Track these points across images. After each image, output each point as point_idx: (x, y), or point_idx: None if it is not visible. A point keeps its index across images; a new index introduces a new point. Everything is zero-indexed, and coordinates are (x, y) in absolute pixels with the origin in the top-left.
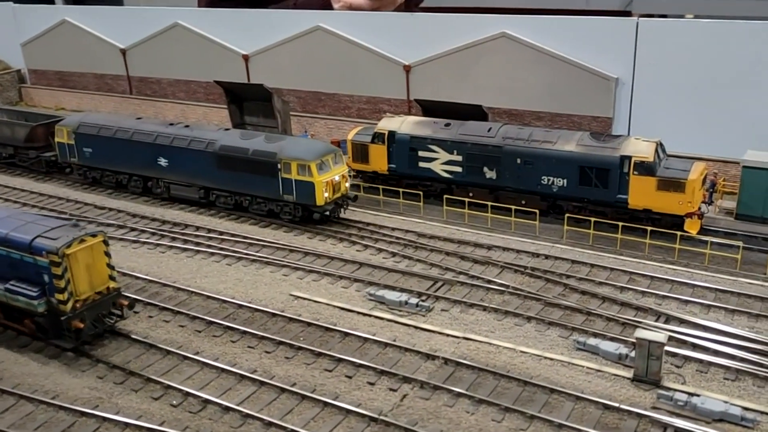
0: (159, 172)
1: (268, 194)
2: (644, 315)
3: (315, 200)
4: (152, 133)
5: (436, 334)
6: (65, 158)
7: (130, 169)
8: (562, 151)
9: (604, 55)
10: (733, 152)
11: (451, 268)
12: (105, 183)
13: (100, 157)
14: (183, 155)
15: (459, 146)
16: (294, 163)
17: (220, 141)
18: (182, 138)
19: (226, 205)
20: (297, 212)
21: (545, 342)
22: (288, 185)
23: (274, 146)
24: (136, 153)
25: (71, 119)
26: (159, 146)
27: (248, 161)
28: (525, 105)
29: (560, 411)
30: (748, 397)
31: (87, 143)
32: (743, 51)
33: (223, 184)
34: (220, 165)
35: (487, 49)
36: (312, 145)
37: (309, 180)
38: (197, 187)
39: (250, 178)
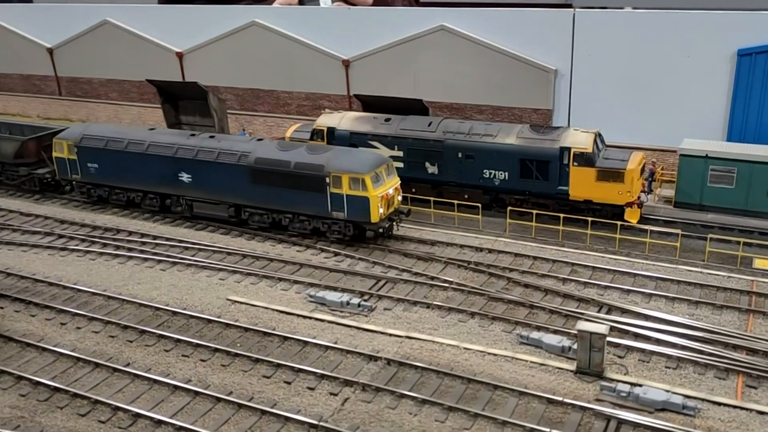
0: (180, 189)
1: (314, 211)
2: (587, 306)
3: (369, 217)
4: (172, 146)
5: (379, 335)
6: (65, 175)
7: (144, 186)
8: (503, 144)
9: (542, 47)
10: (671, 141)
11: (394, 266)
12: (113, 202)
13: (108, 173)
14: (210, 169)
15: (400, 141)
16: (345, 176)
17: (255, 153)
18: (209, 150)
19: (261, 224)
20: (348, 231)
21: (489, 337)
22: (338, 201)
23: (320, 158)
24: (152, 168)
25: (71, 131)
26: (180, 160)
27: (290, 175)
28: (466, 99)
29: (504, 407)
30: (689, 385)
31: (92, 158)
32: (678, 40)
33: (259, 201)
34: (255, 180)
35: (426, 43)
36: (363, 156)
37: (363, 195)
38: (227, 204)
39: (291, 194)
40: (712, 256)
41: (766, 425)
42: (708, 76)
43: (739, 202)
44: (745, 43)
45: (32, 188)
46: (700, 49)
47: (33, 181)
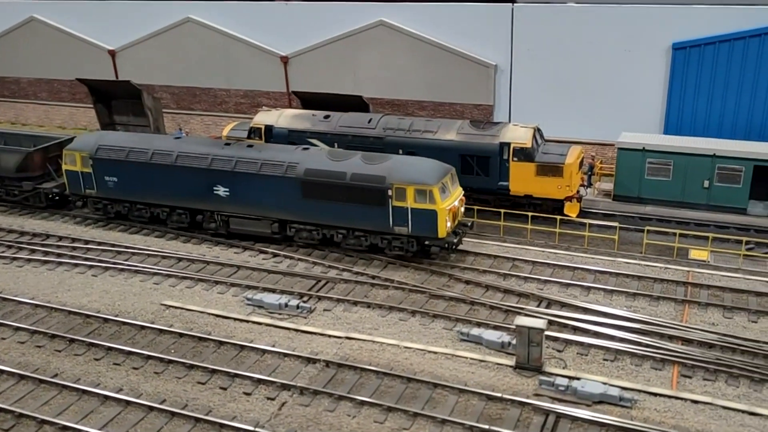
0: (215, 204)
1: (373, 226)
2: (527, 301)
3: (437, 232)
4: (205, 156)
5: (318, 336)
6: (77, 190)
7: (172, 201)
8: (443, 140)
9: (482, 42)
10: (610, 135)
11: (334, 266)
12: (134, 218)
13: (128, 188)
14: (251, 182)
15: (339, 139)
16: (410, 188)
17: (304, 164)
18: (249, 161)
19: (309, 240)
20: (410, 247)
21: (430, 335)
22: (401, 215)
23: (380, 168)
24: (182, 181)
25: (84, 141)
26: (216, 172)
27: (345, 188)
28: (407, 95)
29: (444, 406)
30: (626, 377)
31: (110, 170)
32: (615, 35)
33: (308, 216)
34: (304, 193)
35: (365, 39)
36: (427, 165)
37: (430, 208)
38: (270, 220)
39: (346, 208)
40: (650, 248)
41: (700, 413)
42: (645, 70)
43: (675, 194)
44: (680, 37)
45: (37, 204)
46: (637, 44)
47: (38, 197)
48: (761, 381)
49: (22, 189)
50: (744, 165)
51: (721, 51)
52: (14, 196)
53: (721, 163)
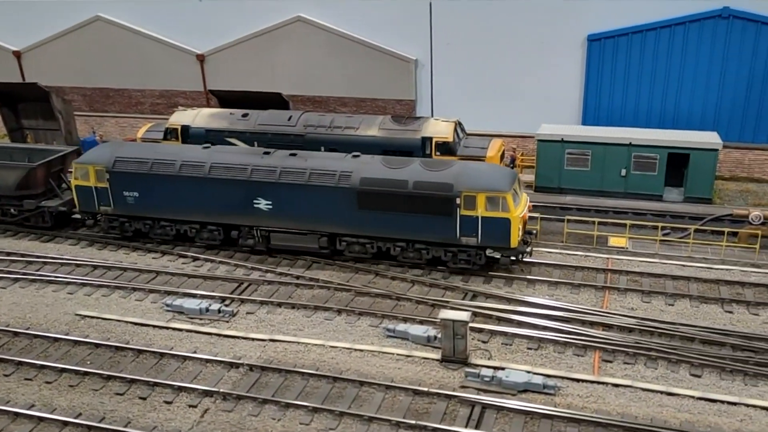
0: (256, 218)
1: (437, 238)
2: (453, 294)
3: (509, 241)
4: (244, 167)
5: (241, 340)
6: (89, 207)
7: (204, 217)
8: (365, 136)
9: (402, 37)
10: (530, 127)
11: (257, 267)
12: (155, 236)
13: (152, 203)
14: (298, 194)
15: (259, 137)
16: (481, 195)
17: (359, 172)
18: (296, 171)
19: (362, 254)
20: (478, 259)
21: (356, 333)
22: (470, 224)
23: (445, 175)
24: (216, 194)
25: (98, 153)
26: (257, 183)
27: (407, 197)
28: (328, 91)
29: (370, 403)
30: (549, 365)
31: (130, 185)
32: (532, 28)
33: (363, 229)
34: (360, 204)
35: (283, 35)
36: (496, 171)
37: (503, 216)
38: (318, 234)
39: (407, 218)
40: (571, 237)
41: (621, 396)
42: (562, 62)
43: (594, 184)
44: (595, 29)
45: (40, 224)
46: (553, 36)
47: (42, 216)
48: (678, 362)
49: (22, 208)
50: (659, 153)
51: (634, 42)
52: (12, 216)
53: (637, 152)
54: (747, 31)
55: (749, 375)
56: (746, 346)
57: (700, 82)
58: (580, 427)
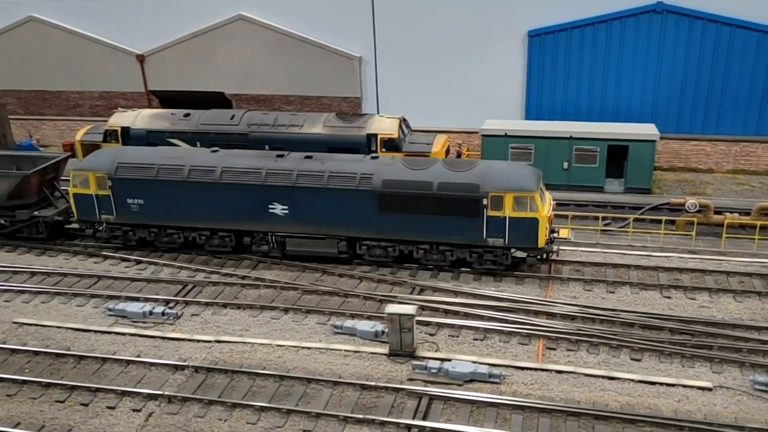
0: (270, 224)
1: (463, 239)
2: (400, 289)
3: (537, 241)
4: (258, 171)
5: (186, 342)
6: (89, 216)
7: (214, 223)
8: (309, 134)
9: (345, 34)
10: (476, 122)
11: (201, 269)
12: (161, 245)
13: (158, 211)
14: (316, 198)
15: (202, 137)
16: (509, 195)
17: (381, 174)
18: (313, 174)
19: (383, 258)
20: (505, 259)
21: (303, 331)
22: (497, 225)
23: (470, 175)
24: (228, 200)
25: (98, 159)
26: (272, 188)
27: (432, 199)
28: (272, 89)
29: (318, 400)
30: (495, 354)
31: (135, 192)
32: (474, 24)
33: (385, 232)
34: (382, 207)
35: (225, 33)
36: (521, 170)
37: (531, 216)
38: (337, 238)
39: (432, 220)
40: None
41: (564, 383)
42: (504, 57)
43: None
44: (535, 24)
45: (34, 235)
46: (494, 32)
47: (36, 227)
48: (619, 347)
49: (14, 219)
50: (599, 145)
51: (573, 37)
52: (2, 228)
53: (578, 145)
54: (680, 25)
55: (686, 357)
56: (684, 329)
57: (638, 75)
58: (525, 414)
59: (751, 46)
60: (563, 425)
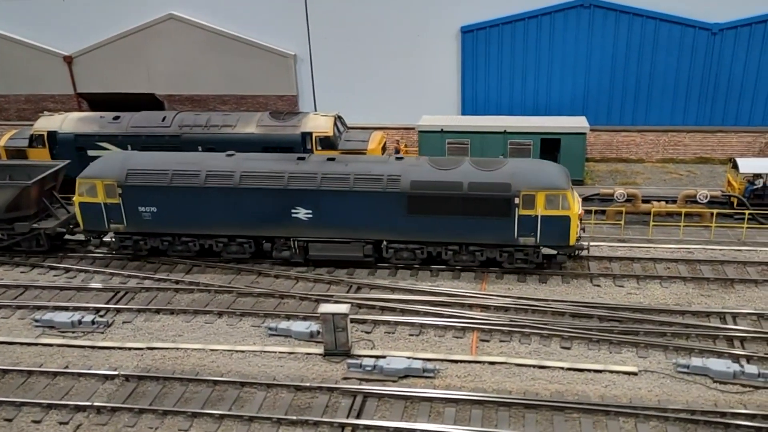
0: (293, 229)
1: (494, 239)
2: (337, 288)
3: (568, 239)
4: (280, 174)
5: (117, 350)
6: (97, 226)
7: (233, 230)
8: (243, 134)
9: (279, 32)
10: (413, 118)
11: (134, 275)
12: (175, 254)
13: (172, 218)
14: (342, 201)
15: (132, 140)
16: (541, 194)
17: (408, 175)
18: (338, 177)
19: (410, 260)
20: (536, 257)
21: (237, 335)
22: (528, 224)
23: (500, 174)
24: (248, 205)
25: (105, 165)
26: (295, 192)
27: (462, 199)
28: (207, 89)
29: (252, 404)
30: (430, 349)
31: (147, 199)
32: (407, 20)
33: (413, 234)
34: (410, 208)
35: (156, 33)
36: (551, 167)
37: (563, 214)
38: (363, 242)
39: (461, 221)
40: None
41: (497, 373)
42: (438, 53)
43: None
44: (467, 20)
45: (34, 249)
46: (428, 28)
47: (37, 239)
48: (549, 336)
49: (12, 232)
50: (532, 139)
51: (505, 33)
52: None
53: (512, 139)
54: (607, 20)
55: (614, 343)
56: (611, 316)
57: (568, 69)
58: (458, 406)
59: (675, 39)
60: (495, 416)
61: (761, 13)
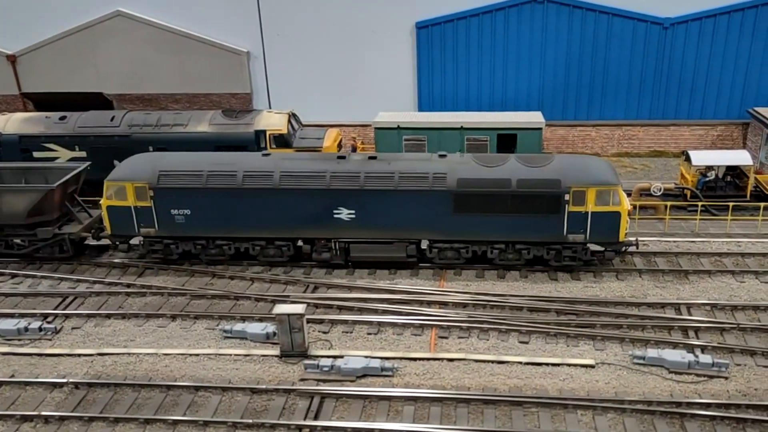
0: (335, 230)
1: (542, 237)
2: (294, 288)
3: (618, 235)
4: (321, 174)
5: (66, 357)
6: (127, 230)
7: (272, 232)
8: (195, 133)
9: (231, 29)
10: (370, 115)
11: (84, 279)
12: (208, 257)
13: (208, 221)
14: (386, 201)
15: (80, 141)
16: (591, 189)
17: (455, 173)
18: (382, 176)
19: (454, 259)
20: (584, 254)
21: (191, 338)
22: (578, 221)
23: (550, 171)
24: (288, 207)
25: (134, 167)
26: (338, 192)
27: (511, 197)
28: (158, 88)
29: (206, 408)
30: (388, 347)
31: (180, 202)
32: (362, 17)
33: (459, 233)
34: (456, 207)
35: (104, 30)
36: (598, 162)
37: (613, 210)
38: (406, 242)
39: (509, 219)
40: None
41: (455, 370)
42: (393, 50)
43: None
44: (422, 16)
45: (57, 254)
46: (383, 24)
47: (60, 245)
48: (507, 331)
49: (34, 238)
50: (488, 135)
51: (460, 28)
52: (18, 248)
53: (469, 134)
54: (561, 15)
55: (571, 337)
56: (569, 310)
57: (524, 64)
58: (417, 404)
59: (628, 34)
60: (453, 412)
61: (711, 7)
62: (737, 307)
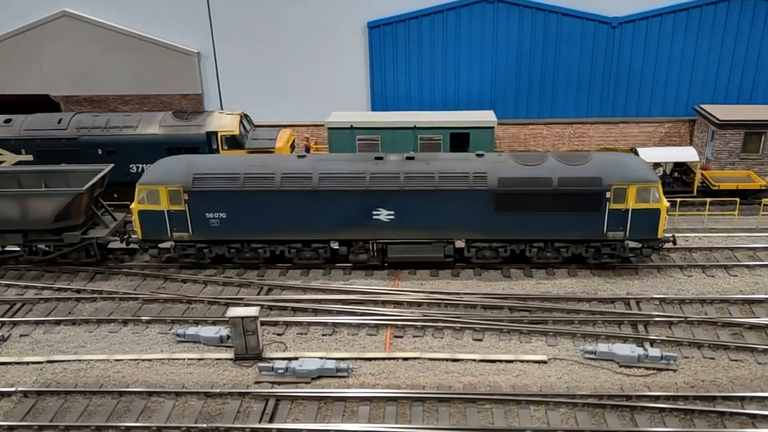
0: (373, 231)
1: (582, 235)
2: (247, 290)
3: (656, 232)
4: (360, 175)
5: (14, 365)
6: (160, 234)
7: (309, 234)
8: (146, 135)
9: (181, 29)
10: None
11: (32, 285)
12: (242, 261)
13: (244, 224)
14: (426, 201)
15: (26, 144)
16: (632, 187)
17: (495, 172)
18: (422, 176)
19: (492, 259)
20: (622, 252)
21: (144, 343)
22: (618, 218)
23: (590, 168)
24: (326, 208)
25: (167, 170)
26: (377, 193)
27: (552, 195)
28: (106, 89)
29: (160, 413)
30: (343, 348)
31: (215, 205)
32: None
33: (499, 232)
34: (497, 206)
35: (49, 31)
36: (636, 161)
37: (653, 207)
38: (444, 242)
39: (549, 217)
40: None
41: (410, 369)
42: (346, 49)
43: None
44: (373, 16)
45: (83, 260)
46: (334, 24)
47: (87, 250)
48: (462, 329)
49: (60, 243)
50: (441, 134)
51: (412, 28)
52: (44, 254)
53: (422, 134)
54: (511, 14)
55: (524, 333)
56: (522, 306)
57: (475, 64)
58: (372, 404)
59: (577, 33)
60: (409, 411)
61: (657, 6)
62: (684, 301)
